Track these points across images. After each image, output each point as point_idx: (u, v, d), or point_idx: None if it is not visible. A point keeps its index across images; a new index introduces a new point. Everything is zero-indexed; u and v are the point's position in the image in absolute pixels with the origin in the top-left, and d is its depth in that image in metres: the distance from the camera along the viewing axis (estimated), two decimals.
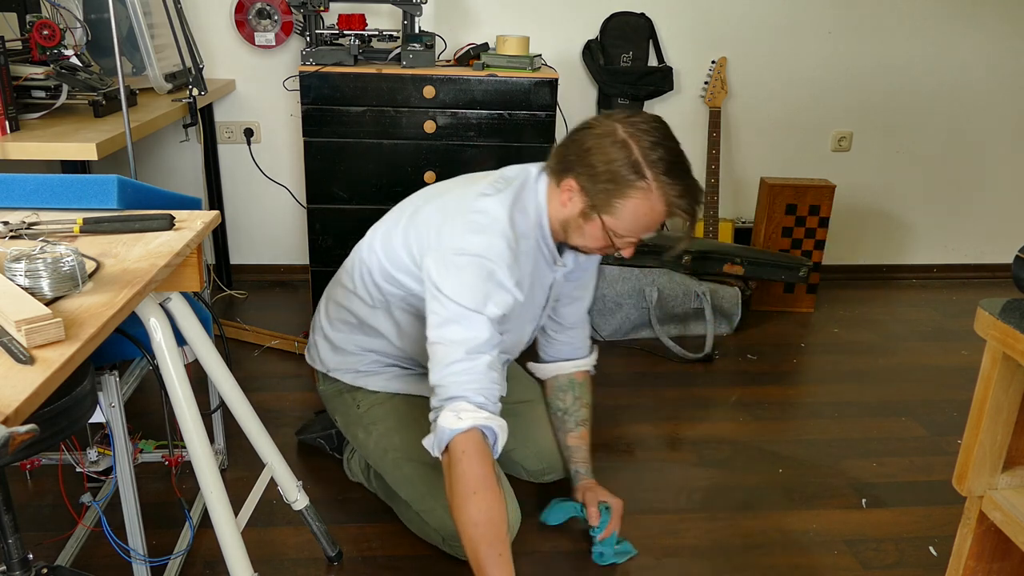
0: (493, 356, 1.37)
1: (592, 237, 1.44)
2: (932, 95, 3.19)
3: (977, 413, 1.09)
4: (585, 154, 1.38)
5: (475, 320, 1.36)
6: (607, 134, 1.37)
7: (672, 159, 1.36)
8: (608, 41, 2.96)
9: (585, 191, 1.39)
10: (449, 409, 1.32)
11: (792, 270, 2.82)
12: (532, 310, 1.63)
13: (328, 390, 1.77)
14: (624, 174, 1.35)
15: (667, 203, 1.36)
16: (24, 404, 0.71)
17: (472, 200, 1.46)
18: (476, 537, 1.30)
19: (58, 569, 1.14)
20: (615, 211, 1.38)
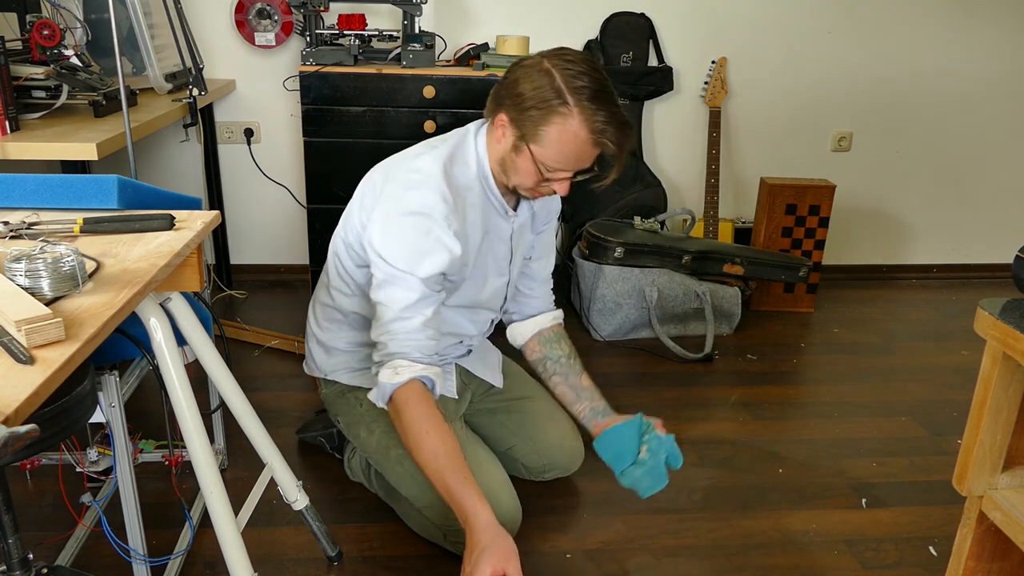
0: (427, 315, 1.45)
1: (525, 171, 1.46)
2: (932, 95, 3.19)
3: (977, 413, 1.09)
4: (513, 85, 1.41)
5: (408, 281, 1.43)
6: (533, 65, 1.40)
7: (596, 88, 1.37)
8: (608, 41, 2.96)
9: (514, 122, 1.42)
10: (387, 366, 1.42)
11: (792, 270, 2.82)
12: (496, 262, 1.65)
13: (330, 393, 1.77)
14: (547, 100, 1.37)
15: (590, 129, 1.37)
16: (24, 404, 0.71)
17: (409, 160, 1.52)
18: (440, 469, 1.39)
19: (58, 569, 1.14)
20: (541, 139, 1.40)
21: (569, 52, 1.41)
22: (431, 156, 1.50)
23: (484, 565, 1.28)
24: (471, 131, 1.55)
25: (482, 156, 1.52)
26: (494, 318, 1.79)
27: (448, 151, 1.51)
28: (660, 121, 3.13)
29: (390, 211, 1.46)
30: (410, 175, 1.48)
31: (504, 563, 1.29)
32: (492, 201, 1.56)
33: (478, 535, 1.33)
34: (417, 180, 1.46)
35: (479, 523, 1.34)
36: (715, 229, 3.07)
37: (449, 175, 1.48)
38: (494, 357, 1.91)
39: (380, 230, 1.46)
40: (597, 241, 2.66)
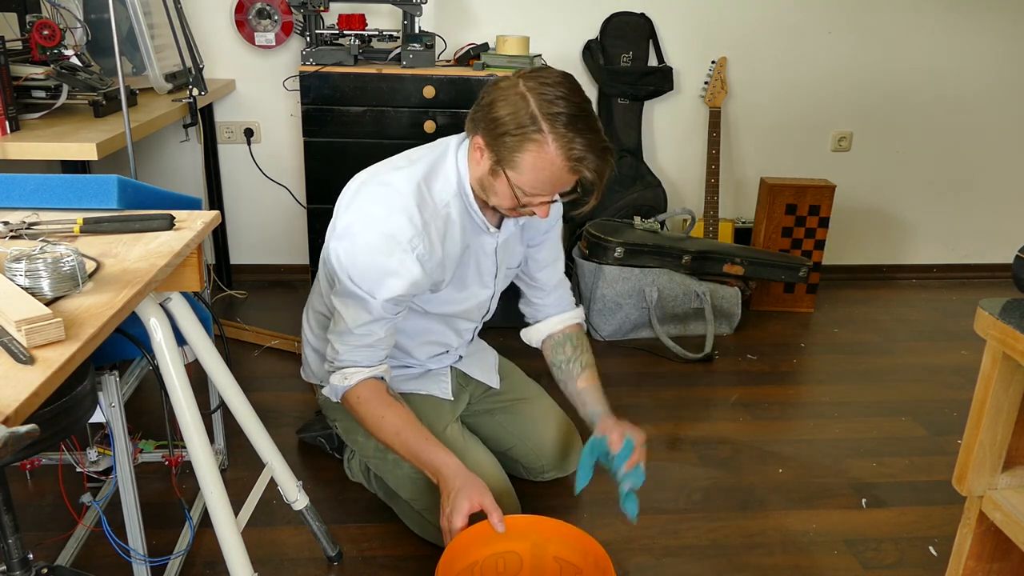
0: (380, 335, 1.50)
1: (503, 195, 1.42)
2: (932, 95, 3.19)
3: (977, 413, 1.09)
4: (488, 108, 1.37)
5: (365, 301, 1.46)
6: (509, 87, 1.36)
7: (573, 113, 1.32)
8: (608, 41, 2.96)
9: (490, 147, 1.38)
10: (338, 372, 1.51)
11: (792, 270, 2.82)
12: (480, 276, 1.63)
13: (326, 399, 1.77)
14: (521, 127, 1.32)
15: (566, 156, 1.32)
16: (24, 404, 0.71)
17: (384, 172, 1.51)
18: (403, 438, 1.48)
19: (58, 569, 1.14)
20: (516, 165, 1.36)
21: (547, 74, 1.36)
22: (406, 173, 1.48)
23: (462, 501, 1.38)
24: (452, 145, 1.52)
25: (462, 172, 1.49)
26: (476, 327, 1.79)
27: (426, 167, 1.49)
28: (660, 121, 3.13)
29: (355, 227, 1.45)
30: (380, 189, 1.46)
31: (480, 498, 1.38)
32: (473, 217, 1.53)
33: (451, 480, 1.42)
34: (384, 197, 1.45)
35: (449, 471, 1.44)
36: (715, 229, 3.07)
37: (423, 193, 1.46)
38: (490, 358, 1.91)
39: (343, 244, 1.46)
40: (597, 241, 2.66)
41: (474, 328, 1.78)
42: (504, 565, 1.46)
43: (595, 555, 1.39)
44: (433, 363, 1.77)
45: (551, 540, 1.44)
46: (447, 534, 1.40)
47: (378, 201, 1.45)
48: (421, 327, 1.66)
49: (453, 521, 1.38)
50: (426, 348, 1.72)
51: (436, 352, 1.75)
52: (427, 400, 1.69)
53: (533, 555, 1.45)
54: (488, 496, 1.40)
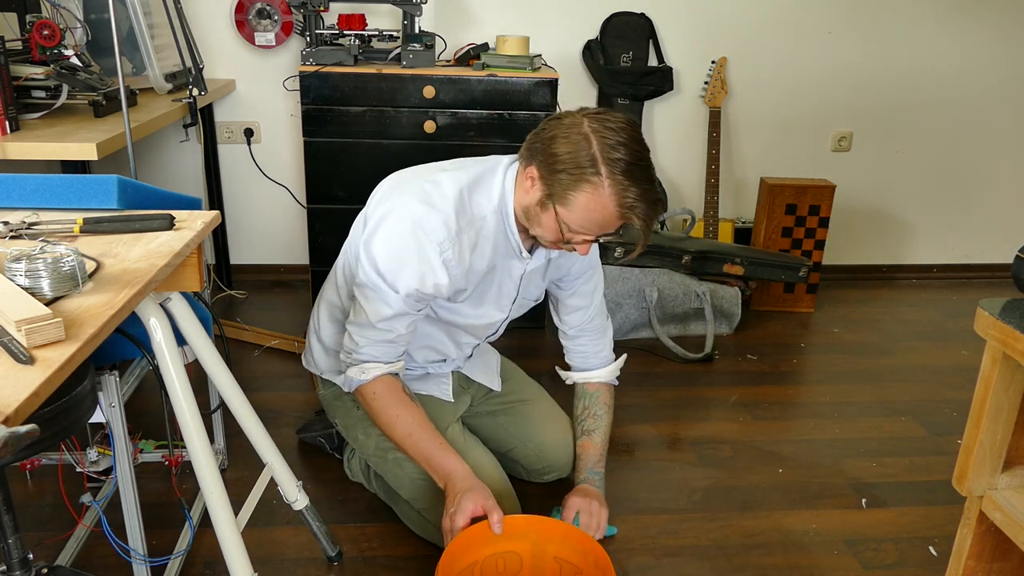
0: (400, 331, 1.50)
1: (548, 228, 1.43)
2: (932, 95, 3.19)
3: (977, 413, 1.09)
4: (549, 143, 1.38)
5: (387, 295, 1.46)
6: (572, 126, 1.36)
7: (632, 160, 1.33)
8: (608, 41, 2.96)
9: (544, 179, 1.39)
10: (355, 366, 1.52)
11: (792, 270, 2.82)
12: (499, 298, 1.63)
13: (328, 394, 1.77)
14: (580, 167, 1.33)
15: (618, 203, 1.34)
16: (24, 404, 0.71)
17: (432, 172, 1.51)
18: (416, 441, 1.51)
19: (58, 569, 1.14)
20: (568, 203, 1.36)
21: (612, 118, 1.36)
22: (452, 176, 1.48)
23: (466, 503, 1.40)
24: (503, 163, 1.52)
25: (507, 192, 1.49)
26: (477, 344, 1.78)
27: (472, 176, 1.49)
28: (660, 121, 3.13)
29: (391, 218, 1.45)
30: (425, 185, 1.47)
31: (484, 500, 1.41)
32: (509, 238, 1.53)
33: (458, 483, 1.45)
34: (426, 195, 1.45)
35: (457, 476, 1.47)
36: (715, 229, 3.07)
37: (464, 200, 1.46)
38: (492, 361, 1.91)
39: (378, 232, 1.46)
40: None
41: (475, 344, 1.78)
42: (504, 565, 1.46)
43: (595, 555, 1.40)
44: (432, 368, 1.77)
45: (551, 540, 1.44)
46: (448, 534, 1.41)
47: (419, 198, 1.45)
48: (423, 331, 1.65)
49: (455, 521, 1.39)
50: (424, 353, 1.71)
51: (433, 359, 1.74)
52: (428, 401, 1.69)
53: (533, 555, 1.46)
54: (491, 499, 1.42)
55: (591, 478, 1.74)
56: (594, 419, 1.80)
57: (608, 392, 1.84)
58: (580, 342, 1.81)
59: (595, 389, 1.82)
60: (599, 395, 1.82)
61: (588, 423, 1.80)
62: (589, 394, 1.82)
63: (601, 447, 1.78)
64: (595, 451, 1.77)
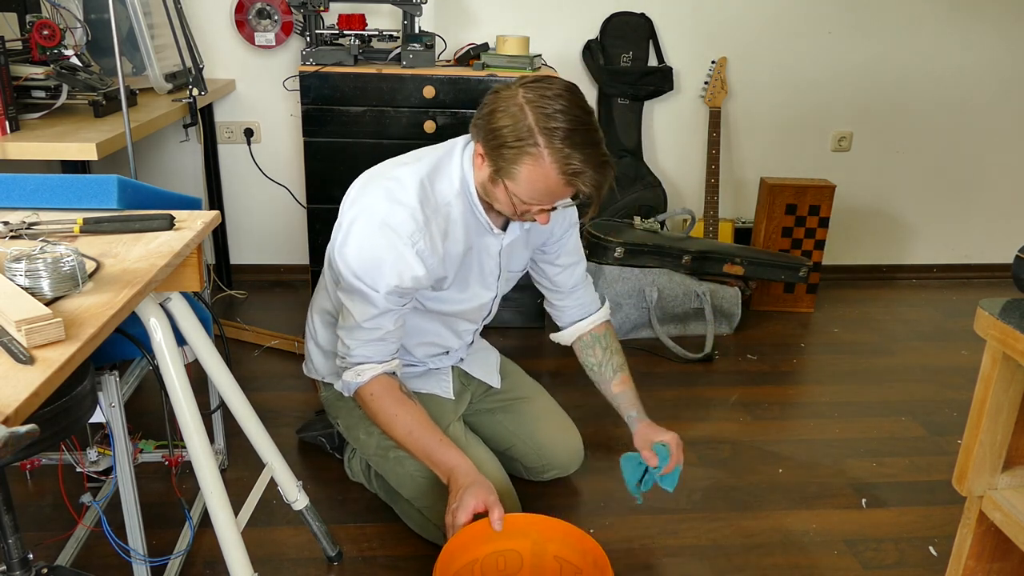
0: (388, 327, 1.50)
1: (503, 202, 1.44)
2: (932, 95, 3.19)
3: (977, 413, 1.09)
4: (488, 118, 1.37)
5: (369, 295, 1.46)
6: (509, 98, 1.35)
7: (571, 127, 1.31)
8: (608, 41, 2.96)
9: (488, 156, 1.39)
10: (351, 369, 1.52)
11: (792, 270, 2.82)
12: (483, 277, 1.64)
13: (329, 395, 1.77)
14: (519, 139, 1.32)
15: (561, 171, 1.32)
16: (24, 404, 0.71)
17: (389, 169, 1.52)
18: (416, 438, 1.51)
19: (58, 569, 1.14)
20: (513, 176, 1.36)
21: (548, 85, 1.34)
22: (411, 169, 1.49)
23: (469, 499, 1.40)
24: (458, 145, 1.53)
25: (467, 173, 1.50)
26: (476, 329, 1.79)
27: (430, 165, 1.50)
28: (660, 121, 3.13)
29: (358, 222, 1.46)
30: (384, 183, 1.48)
31: (486, 497, 1.41)
32: (478, 217, 1.54)
33: (460, 478, 1.45)
34: (387, 192, 1.46)
35: (460, 471, 1.47)
36: (715, 229, 3.07)
37: (426, 190, 1.47)
38: (492, 358, 1.91)
39: (349, 237, 1.47)
40: (597, 241, 2.66)
41: (474, 330, 1.78)
42: (504, 563, 1.47)
43: (594, 555, 1.40)
44: (434, 363, 1.77)
45: (551, 539, 1.44)
46: (450, 529, 1.41)
47: (381, 196, 1.46)
48: (419, 327, 1.66)
49: (457, 517, 1.39)
50: (424, 348, 1.72)
51: (435, 352, 1.75)
52: (429, 399, 1.69)
53: (533, 554, 1.46)
54: (494, 495, 1.42)
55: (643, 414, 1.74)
56: (619, 355, 1.80)
57: (613, 330, 1.84)
58: (577, 295, 1.81)
59: (604, 330, 1.81)
60: (609, 334, 1.81)
61: (616, 360, 1.78)
62: (601, 335, 1.80)
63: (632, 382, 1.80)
64: (633, 385, 1.78)
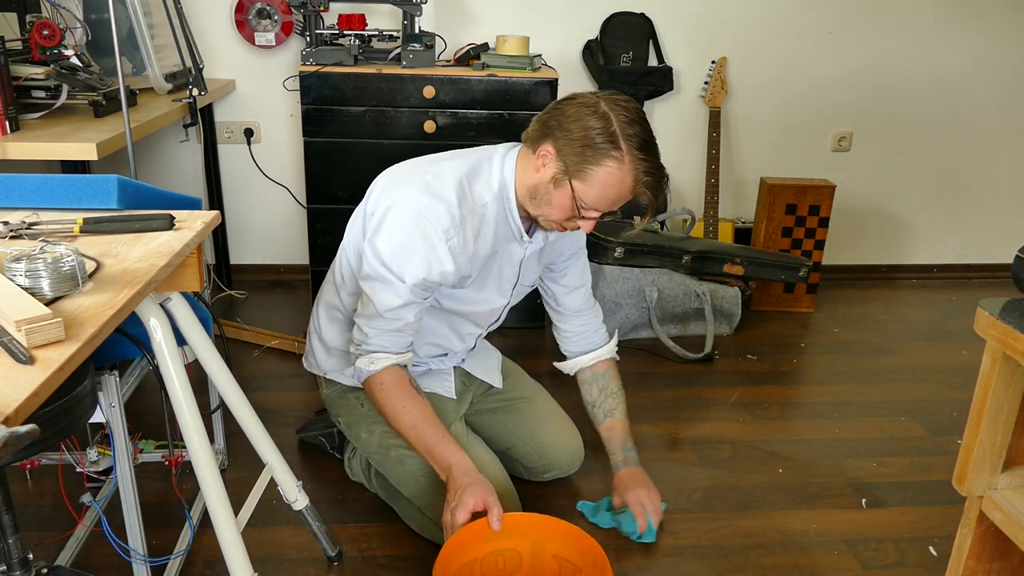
0: (408, 319, 1.51)
1: (559, 205, 1.46)
2: (932, 95, 3.19)
3: (977, 413, 1.09)
4: (566, 120, 1.41)
5: (395, 285, 1.47)
6: (588, 104, 1.40)
7: (646, 138, 1.40)
8: (608, 41, 2.96)
9: (561, 155, 1.42)
10: (366, 356, 1.53)
11: (792, 270, 2.82)
12: (500, 283, 1.66)
13: (331, 393, 1.77)
14: (601, 142, 1.38)
15: (636, 178, 1.40)
16: (24, 404, 0.71)
17: (428, 164, 1.54)
18: (420, 432, 1.51)
19: (58, 569, 1.14)
20: (587, 178, 1.40)
21: (623, 99, 1.41)
22: (451, 165, 1.51)
23: (467, 497, 1.41)
24: (499, 151, 1.55)
25: (507, 178, 1.52)
26: (480, 334, 1.79)
27: (470, 166, 1.52)
28: (660, 121, 3.13)
29: (395, 211, 1.47)
30: (426, 176, 1.49)
31: (485, 496, 1.41)
32: (510, 224, 1.55)
33: (460, 477, 1.46)
34: (430, 185, 1.47)
35: (459, 469, 1.48)
36: (715, 229, 3.07)
37: (464, 189, 1.49)
38: (494, 358, 1.91)
39: (383, 225, 1.48)
40: (597, 241, 2.66)
41: (478, 335, 1.78)
42: (504, 562, 1.47)
43: (593, 554, 1.40)
44: (435, 363, 1.77)
45: (550, 539, 1.44)
46: (448, 528, 1.42)
47: (420, 189, 1.47)
48: (426, 326, 1.66)
49: (456, 516, 1.40)
50: (426, 348, 1.72)
51: (435, 353, 1.75)
52: (431, 399, 1.69)
53: (532, 553, 1.46)
54: (493, 495, 1.43)
55: (629, 457, 1.77)
56: (613, 398, 1.81)
57: (616, 369, 1.85)
58: (580, 321, 1.83)
59: (605, 368, 1.83)
60: (610, 374, 1.83)
61: (608, 403, 1.81)
62: (600, 375, 1.83)
63: (626, 423, 1.81)
64: (623, 428, 1.80)
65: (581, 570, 1.44)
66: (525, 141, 1.51)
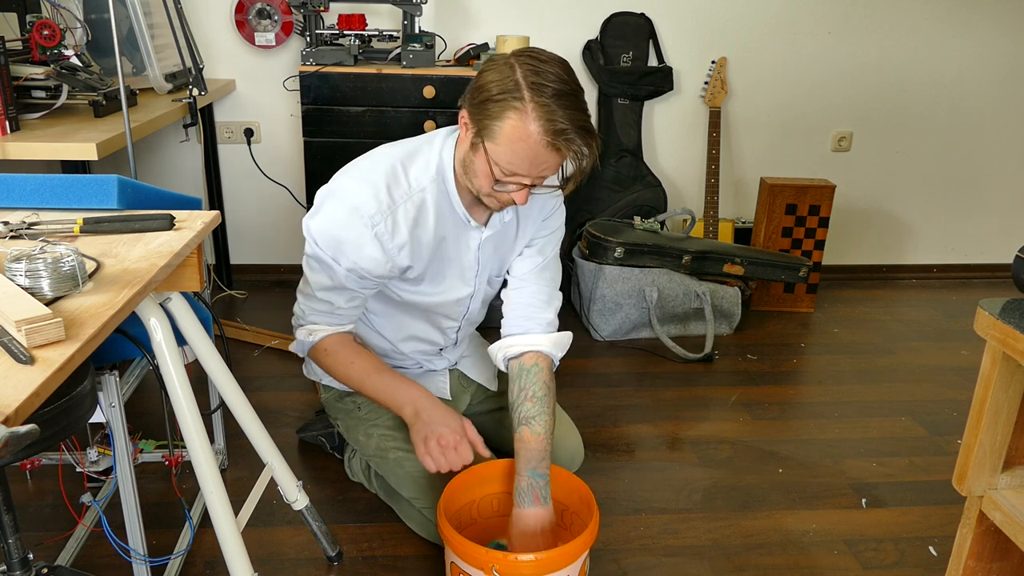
0: (341, 304, 1.51)
1: (481, 173, 1.35)
2: (932, 95, 3.19)
3: (977, 413, 1.09)
4: (476, 79, 1.34)
5: (330, 268, 1.47)
6: (500, 59, 1.32)
7: (560, 88, 1.26)
8: (608, 41, 2.96)
9: (472, 116, 1.34)
10: (303, 328, 1.55)
11: (792, 270, 2.82)
12: (460, 272, 1.58)
13: (329, 397, 1.77)
14: (498, 93, 1.27)
15: (544, 129, 1.25)
16: (24, 404, 0.71)
17: (377, 148, 1.53)
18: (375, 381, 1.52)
19: (58, 569, 1.14)
20: (495, 135, 1.29)
21: (542, 53, 1.31)
22: (385, 152, 1.49)
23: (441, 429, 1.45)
24: (439, 135, 1.50)
25: (445, 160, 1.46)
26: (458, 327, 1.73)
27: (406, 151, 1.48)
28: (660, 121, 3.13)
29: (326, 197, 1.46)
30: (360, 162, 1.48)
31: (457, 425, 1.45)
32: (454, 207, 1.49)
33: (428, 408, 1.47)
34: (361, 171, 1.45)
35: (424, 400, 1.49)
36: (715, 229, 3.07)
37: (397, 173, 1.44)
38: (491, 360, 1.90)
39: (318, 211, 1.46)
40: (597, 241, 2.66)
41: (456, 328, 1.73)
42: (498, 504, 1.56)
43: (580, 492, 1.48)
44: (430, 363, 1.77)
45: None
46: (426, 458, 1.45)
47: (352, 175, 1.46)
48: (400, 321, 1.66)
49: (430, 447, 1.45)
50: (411, 344, 1.70)
51: (422, 349, 1.73)
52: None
53: None
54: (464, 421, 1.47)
55: (536, 486, 1.44)
56: (533, 402, 1.49)
57: (548, 369, 1.55)
58: (527, 291, 1.61)
59: (532, 362, 1.54)
60: (536, 371, 1.52)
61: (526, 408, 1.49)
62: (525, 369, 1.53)
63: (545, 440, 1.47)
64: (538, 445, 1.46)
65: (568, 507, 1.52)
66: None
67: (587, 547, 1.38)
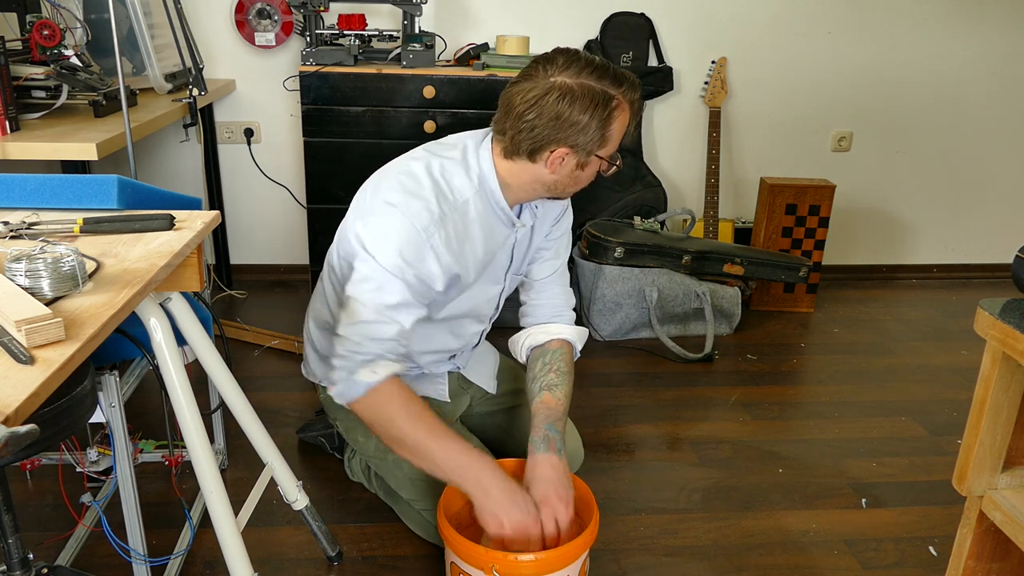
0: (405, 325, 1.40)
1: (588, 176, 1.48)
2: (932, 95, 3.19)
3: (977, 413, 1.09)
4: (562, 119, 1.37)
5: (391, 283, 1.38)
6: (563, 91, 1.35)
7: (607, 67, 1.39)
8: (608, 41, 2.96)
9: (579, 147, 1.40)
10: (365, 367, 1.36)
11: (792, 270, 2.82)
12: (493, 271, 1.61)
13: (328, 397, 1.77)
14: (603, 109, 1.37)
15: (630, 103, 1.42)
16: (24, 404, 0.71)
17: (403, 163, 1.51)
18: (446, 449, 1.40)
19: (58, 569, 1.14)
20: (608, 140, 1.42)
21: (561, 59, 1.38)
22: (423, 164, 1.48)
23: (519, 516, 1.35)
24: (468, 146, 1.52)
25: (484, 168, 1.48)
26: (483, 330, 1.74)
27: (440, 164, 1.48)
28: (660, 121, 3.13)
29: (379, 214, 1.44)
30: (403, 178, 1.46)
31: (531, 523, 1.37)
32: (498, 214, 1.52)
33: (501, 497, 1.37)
34: (405, 185, 1.44)
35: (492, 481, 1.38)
36: (715, 229, 3.07)
37: (440, 186, 1.45)
38: (491, 362, 1.90)
39: (371, 227, 1.43)
40: (597, 241, 2.66)
41: (481, 331, 1.74)
42: None
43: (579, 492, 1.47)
44: (434, 368, 1.76)
45: None
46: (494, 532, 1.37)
47: (398, 190, 1.44)
48: (426, 335, 1.63)
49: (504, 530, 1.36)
50: (428, 356, 1.70)
51: (438, 359, 1.73)
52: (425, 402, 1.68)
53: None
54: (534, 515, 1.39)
55: (552, 437, 1.49)
56: (556, 374, 1.60)
57: (570, 355, 1.66)
58: (550, 293, 1.71)
59: (558, 346, 1.65)
60: (561, 353, 1.64)
61: (549, 378, 1.60)
62: (552, 351, 1.65)
63: (565, 403, 1.57)
64: (558, 406, 1.55)
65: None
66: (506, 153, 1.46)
67: (587, 547, 1.38)
